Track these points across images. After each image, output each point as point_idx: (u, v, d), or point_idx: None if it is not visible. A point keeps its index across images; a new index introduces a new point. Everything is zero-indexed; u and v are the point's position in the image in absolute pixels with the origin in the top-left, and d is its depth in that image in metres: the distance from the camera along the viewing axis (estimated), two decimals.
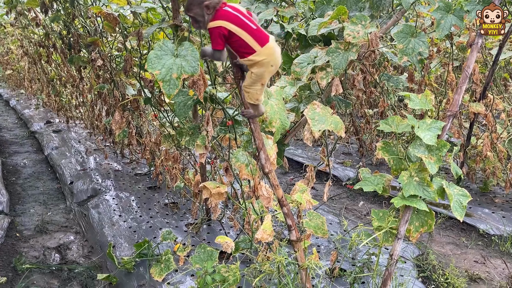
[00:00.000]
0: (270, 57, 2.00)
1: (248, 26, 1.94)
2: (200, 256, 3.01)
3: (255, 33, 1.95)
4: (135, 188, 5.28)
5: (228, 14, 1.94)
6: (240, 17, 1.94)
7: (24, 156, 7.39)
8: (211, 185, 2.78)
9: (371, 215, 3.07)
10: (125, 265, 3.45)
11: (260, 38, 1.96)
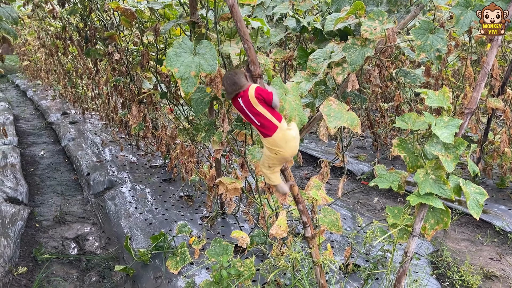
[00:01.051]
0: (275, 146, 2.11)
1: (253, 122, 2.10)
2: (215, 250, 3.05)
3: (259, 128, 2.10)
4: (150, 180, 5.35)
5: (238, 107, 2.11)
6: (248, 113, 2.09)
7: (41, 147, 7.53)
8: (227, 180, 2.81)
9: (386, 211, 3.07)
10: (142, 257, 3.52)
11: (263, 132, 2.11)
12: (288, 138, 2.11)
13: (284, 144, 2.11)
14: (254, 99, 2.06)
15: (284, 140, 2.10)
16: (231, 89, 2.12)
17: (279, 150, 2.13)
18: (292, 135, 2.14)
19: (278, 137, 2.09)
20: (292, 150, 2.15)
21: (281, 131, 2.08)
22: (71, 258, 3.85)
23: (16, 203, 4.78)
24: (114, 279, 3.59)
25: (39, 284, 3.41)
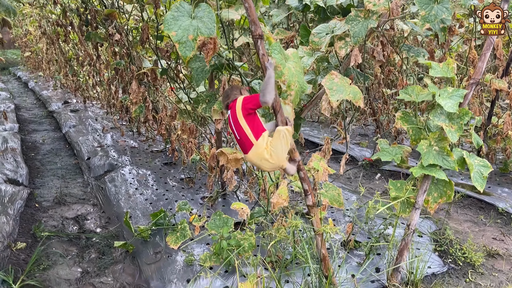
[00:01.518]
0: (252, 162, 2.20)
1: (235, 135, 2.20)
2: (215, 223, 3.02)
3: (239, 143, 2.21)
4: (151, 163, 5.32)
5: (228, 118, 2.25)
6: (232, 125, 2.21)
7: (42, 134, 7.51)
8: (228, 150, 2.78)
9: (388, 185, 3.03)
10: (141, 234, 3.49)
11: (242, 147, 2.22)
12: (262, 157, 2.16)
13: (260, 162, 2.18)
14: (240, 110, 2.16)
15: (258, 158, 2.16)
16: (224, 101, 2.27)
17: (258, 166, 2.22)
18: (265, 156, 2.16)
19: (253, 155, 2.16)
20: (268, 167, 2.21)
21: (255, 148, 2.14)
22: (70, 236, 3.83)
23: (16, 184, 4.76)
24: (114, 255, 3.56)
25: (37, 257, 3.39)
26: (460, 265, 3.28)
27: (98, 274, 3.30)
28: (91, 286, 3.15)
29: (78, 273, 3.29)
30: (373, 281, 3.05)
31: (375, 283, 3.03)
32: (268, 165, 2.18)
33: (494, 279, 3.12)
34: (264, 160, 2.16)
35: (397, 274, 2.87)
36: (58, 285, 3.12)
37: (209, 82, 3.13)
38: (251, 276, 2.60)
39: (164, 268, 3.13)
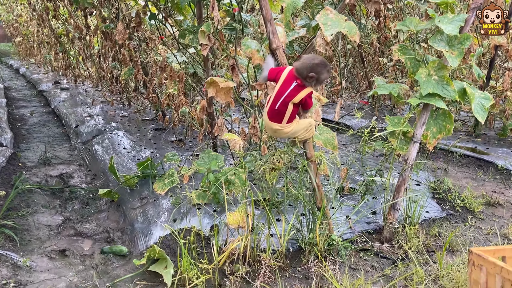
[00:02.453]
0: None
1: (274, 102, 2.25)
2: (204, 160, 2.88)
3: (271, 109, 2.27)
4: (141, 129, 5.17)
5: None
6: (280, 93, 2.24)
7: (31, 109, 7.33)
8: (219, 79, 2.63)
9: (385, 120, 2.90)
10: (127, 182, 3.33)
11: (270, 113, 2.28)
12: (276, 133, 2.33)
13: (270, 131, 2.34)
14: (298, 98, 2.17)
15: (272, 130, 2.29)
16: (305, 71, 2.16)
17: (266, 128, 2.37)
18: (280, 135, 2.34)
19: (271, 124, 2.24)
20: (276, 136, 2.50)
21: (276, 127, 2.24)
22: (54, 189, 3.66)
23: (0, 146, 4.59)
24: (98, 205, 3.41)
25: (17, 205, 3.23)
26: (459, 211, 3.15)
27: (81, 221, 3.14)
28: (73, 229, 2.99)
29: (59, 220, 3.14)
30: (369, 222, 2.92)
31: (371, 224, 2.90)
32: (277, 136, 2.44)
33: (495, 224, 2.99)
34: (277, 134, 2.35)
35: (394, 212, 2.73)
36: (38, 229, 2.96)
37: (197, 12, 2.97)
38: (240, 206, 2.46)
39: (150, 211, 2.97)
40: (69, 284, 2.32)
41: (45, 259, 2.58)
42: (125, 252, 2.65)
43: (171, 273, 2.24)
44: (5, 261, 2.40)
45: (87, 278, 2.40)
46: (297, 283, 2.24)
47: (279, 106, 2.19)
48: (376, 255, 2.57)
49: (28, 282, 2.31)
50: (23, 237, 2.79)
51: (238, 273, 2.29)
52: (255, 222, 2.49)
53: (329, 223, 2.48)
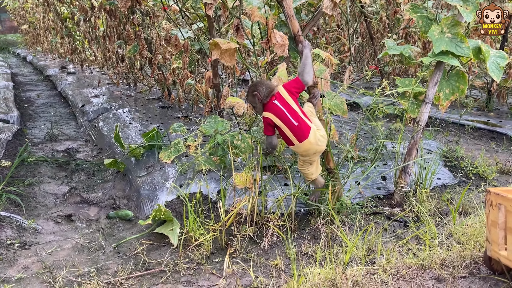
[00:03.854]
0: (309, 150, 2.18)
1: (290, 122, 2.14)
2: (211, 124, 2.83)
3: (296, 129, 2.15)
4: (147, 107, 5.13)
5: (276, 108, 2.16)
6: (286, 113, 2.15)
7: (37, 92, 7.33)
8: (221, 40, 2.56)
9: (396, 83, 2.82)
10: (133, 152, 3.29)
11: (299, 134, 2.15)
12: (319, 136, 2.19)
13: (317, 143, 2.18)
14: (289, 97, 2.17)
15: (316, 139, 2.17)
16: (267, 92, 2.19)
17: (315, 150, 2.21)
18: (322, 133, 2.22)
19: (313, 136, 2.15)
20: (323, 144, 2.23)
21: (313, 131, 2.16)
22: (60, 161, 3.64)
23: (6, 123, 4.57)
24: (104, 175, 3.38)
25: (23, 175, 3.21)
26: (472, 178, 3.07)
27: (87, 190, 3.11)
28: (79, 197, 2.97)
29: (66, 189, 3.11)
30: (379, 187, 2.85)
31: (381, 190, 2.83)
32: (323, 142, 2.23)
33: None
34: (321, 137, 2.21)
35: (405, 176, 2.66)
36: (44, 197, 2.94)
37: None
38: (247, 167, 2.41)
39: (156, 178, 2.94)
40: (75, 245, 2.30)
41: (51, 223, 2.55)
42: (131, 217, 2.62)
43: (177, 233, 2.20)
44: (9, 223, 2.38)
45: (93, 239, 2.37)
46: (305, 243, 2.19)
47: (295, 119, 2.17)
48: (386, 218, 2.51)
49: (33, 243, 2.28)
50: (29, 203, 2.77)
51: (245, 233, 2.24)
52: (262, 185, 2.44)
53: (339, 184, 2.42)
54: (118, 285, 1.87)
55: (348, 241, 1.89)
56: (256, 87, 2.22)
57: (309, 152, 2.20)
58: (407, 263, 1.70)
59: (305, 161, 2.27)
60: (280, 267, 1.97)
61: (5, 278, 1.96)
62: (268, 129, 2.24)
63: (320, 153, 2.27)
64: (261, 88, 2.21)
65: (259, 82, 2.28)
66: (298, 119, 2.15)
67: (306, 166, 2.29)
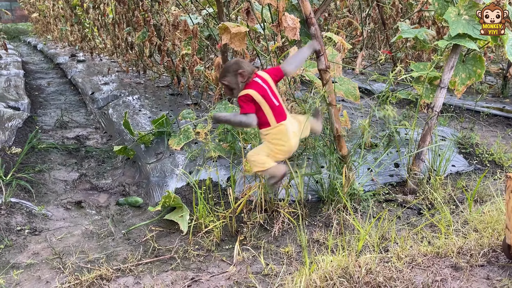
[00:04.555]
0: (281, 135, 2.00)
1: (271, 101, 2.02)
2: (220, 110, 2.79)
3: (276, 109, 2.02)
4: (156, 94, 5.10)
5: (257, 85, 2.02)
6: (268, 91, 2.02)
7: (48, 80, 7.34)
8: (230, 24, 2.50)
9: (410, 67, 2.74)
10: (142, 138, 3.27)
11: (278, 114, 2.01)
12: (294, 130, 2.04)
13: (290, 136, 2.01)
14: (267, 75, 2.06)
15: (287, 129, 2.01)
16: (250, 69, 2.04)
17: (283, 138, 2.01)
18: (294, 130, 2.06)
19: (288, 124, 2.01)
20: (292, 142, 2.03)
21: (289, 119, 2.03)
22: (70, 148, 3.64)
23: (17, 110, 4.59)
24: (114, 162, 3.37)
25: (33, 162, 3.21)
26: (488, 165, 3.00)
27: (97, 177, 3.11)
28: (89, 184, 2.96)
29: (75, 176, 3.11)
30: (391, 175, 2.80)
31: (394, 177, 2.78)
32: (295, 138, 2.06)
33: None
34: (292, 133, 2.05)
35: (419, 163, 2.60)
36: (54, 184, 2.94)
37: None
38: None
39: (166, 165, 2.91)
40: (84, 231, 2.29)
41: (61, 210, 2.55)
42: (141, 203, 2.61)
43: (186, 219, 2.18)
44: (20, 209, 2.38)
45: (103, 226, 2.36)
46: (317, 230, 2.16)
47: (276, 100, 2.05)
48: (400, 205, 2.46)
49: (43, 229, 2.28)
50: (39, 190, 2.78)
51: (256, 220, 2.21)
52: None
53: (351, 171, 2.37)
54: (128, 272, 1.86)
55: (361, 229, 1.85)
56: (240, 65, 2.04)
57: (281, 137, 2.00)
58: (422, 251, 1.65)
59: (266, 149, 2.03)
60: (291, 254, 1.94)
61: (15, 264, 1.96)
62: (249, 106, 1.99)
63: (286, 153, 2.04)
64: (245, 65, 2.05)
65: (239, 61, 2.10)
66: (278, 100, 2.03)
67: (261, 155, 2.03)
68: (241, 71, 2.02)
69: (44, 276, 1.86)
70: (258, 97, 1.99)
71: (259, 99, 1.99)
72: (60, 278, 1.82)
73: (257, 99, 1.99)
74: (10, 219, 2.27)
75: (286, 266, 1.80)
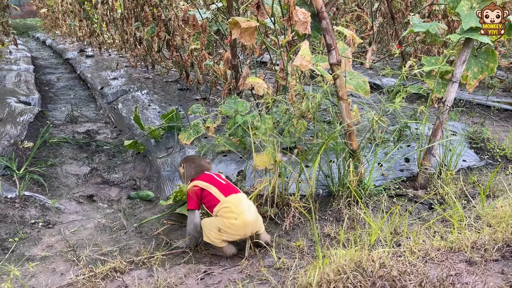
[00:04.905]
0: (233, 206, 1.89)
1: (218, 182, 2.06)
2: (230, 105, 2.79)
3: (223, 186, 2.01)
4: (165, 89, 5.12)
5: (203, 176, 2.11)
6: (214, 176, 2.11)
7: (57, 75, 7.39)
8: (241, 19, 2.50)
9: (422, 61, 2.73)
10: (152, 133, 3.29)
11: (227, 190, 1.99)
12: (250, 206, 1.95)
13: (247, 210, 1.91)
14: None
15: (240, 199, 1.95)
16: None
17: (235, 209, 1.90)
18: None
19: (242, 197, 1.97)
20: (247, 213, 1.89)
21: (241, 195, 1.99)
22: (81, 143, 3.67)
23: (28, 105, 4.63)
24: (124, 157, 3.40)
25: (45, 156, 3.25)
26: (499, 161, 2.98)
27: (108, 171, 3.13)
28: (100, 178, 2.99)
29: (87, 170, 3.13)
30: (402, 169, 2.79)
31: (404, 172, 2.77)
32: (254, 217, 1.93)
33: None
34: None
35: (429, 157, 2.59)
36: (66, 178, 2.97)
37: None
38: (267, 149, 2.37)
39: (176, 159, 2.93)
40: (97, 225, 2.31)
41: (73, 203, 2.58)
42: (152, 197, 2.63)
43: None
44: (33, 202, 2.41)
45: (115, 219, 2.38)
46: (328, 225, 2.16)
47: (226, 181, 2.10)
48: (410, 200, 2.45)
49: (57, 222, 2.31)
50: (51, 183, 2.81)
51: (267, 215, 2.22)
52: (283, 167, 2.41)
53: (361, 165, 2.37)
54: (141, 264, 1.88)
55: (373, 223, 1.85)
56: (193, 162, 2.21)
57: (231, 209, 1.88)
58: (435, 246, 1.65)
59: (216, 222, 1.90)
60: (302, 248, 1.95)
61: (30, 256, 1.99)
62: (193, 202, 2.04)
63: (242, 222, 1.87)
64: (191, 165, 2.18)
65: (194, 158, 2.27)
66: (225, 180, 2.10)
67: (213, 230, 1.89)
68: (179, 168, 2.21)
69: (59, 268, 1.88)
70: (204, 183, 2.04)
71: (205, 185, 2.03)
72: (75, 270, 1.85)
73: (203, 186, 2.03)
74: (24, 212, 2.30)
75: (298, 260, 1.81)
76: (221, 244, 1.89)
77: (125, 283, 1.73)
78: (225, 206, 1.90)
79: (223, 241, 1.89)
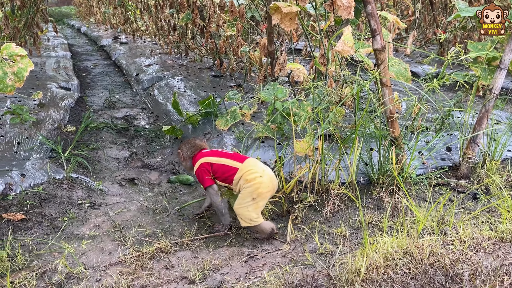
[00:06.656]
0: (254, 167, 1.99)
1: (226, 153, 2.12)
2: (269, 92, 2.79)
3: (234, 156, 2.08)
4: (199, 76, 5.16)
5: (205, 153, 2.14)
6: (219, 150, 2.17)
7: (93, 62, 7.56)
8: (282, 4, 2.48)
9: (468, 47, 2.64)
10: (190, 119, 3.34)
11: (239, 158, 2.06)
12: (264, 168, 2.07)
13: (264, 169, 2.04)
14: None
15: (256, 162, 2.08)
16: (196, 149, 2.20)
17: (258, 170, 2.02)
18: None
19: (253, 160, 2.08)
20: (268, 173, 2.03)
21: (252, 159, 2.10)
22: (119, 128, 3.76)
23: (68, 91, 4.77)
24: (162, 142, 3.46)
25: (87, 140, 3.35)
26: None
27: (147, 155, 3.21)
28: (140, 161, 3.06)
29: (127, 154, 3.22)
30: (443, 159, 2.73)
31: (446, 161, 2.71)
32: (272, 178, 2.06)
33: None
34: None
35: (473, 147, 2.52)
36: (107, 161, 3.06)
37: None
38: (307, 135, 2.37)
39: (214, 145, 2.96)
40: (140, 207, 2.38)
41: (116, 186, 2.66)
42: (191, 181, 2.68)
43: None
44: (79, 184, 2.50)
45: (157, 202, 2.44)
46: (369, 212, 2.15)
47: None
48: (453, 190, 2.40)
49: (101, 204, 2.39)
50: (94, 166, 2.90)
51: (306, 201, 2.23)
52: (323, 153, 2.40)
53: (402, 152, 2.33)
54: (185, 246, 1.92)
55: (417, 212, 1.83)
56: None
57: (253, 169, 1.97)
58: (485, 235, 1.62)
59: (247, 197, 1.93)
60: (344, 235, 1.95)
61: (80, 235, 2.07)
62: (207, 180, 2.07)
63: (268, 178, 1.98)
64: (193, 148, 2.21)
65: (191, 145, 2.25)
66: (231, 152, 2.18)
67: (248, 209, 1.92)
68: (178, 151, 2.23)
69: (107, 247, 1.95)
70: (213, 158, 2.08)
71: (215, 160, 2.07)
72: (122, 250, 1.91)
73: (213, 161, 2.07)
74: (71, 193, 2.39)
75: (341, 246, 1.81)
76: (260, 220, 1.92)
77: (171, 263, 1.78)
78: (247, 170, 1.98)
79: (260, 216, 1.94)
